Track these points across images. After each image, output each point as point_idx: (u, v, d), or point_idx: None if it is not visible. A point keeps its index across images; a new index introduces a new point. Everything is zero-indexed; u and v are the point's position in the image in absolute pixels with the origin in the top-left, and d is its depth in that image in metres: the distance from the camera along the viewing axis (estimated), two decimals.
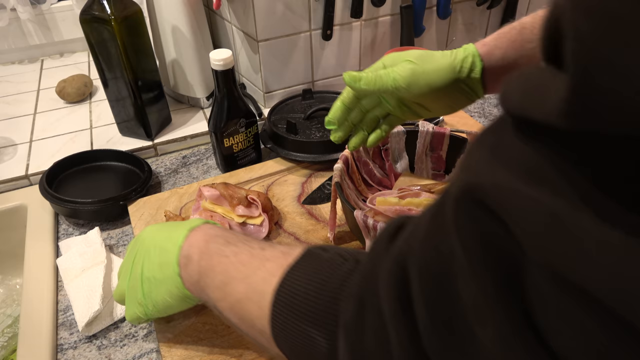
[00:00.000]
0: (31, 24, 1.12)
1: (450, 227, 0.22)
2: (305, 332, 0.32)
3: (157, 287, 0.46)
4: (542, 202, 0.18)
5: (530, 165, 0.19)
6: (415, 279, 0.25)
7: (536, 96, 0.18)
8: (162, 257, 0.45)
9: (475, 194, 0.21)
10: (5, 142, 0.87)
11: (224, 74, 0.69)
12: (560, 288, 0.18)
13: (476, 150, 0.22)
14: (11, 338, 0.73)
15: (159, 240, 0.47)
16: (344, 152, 0.65)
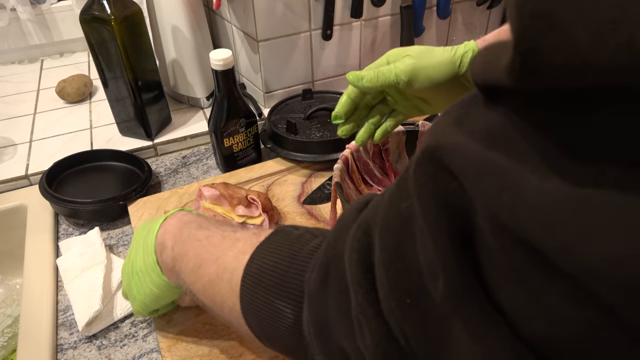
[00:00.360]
0: (31, 24, 1.12)
1: (411, 187, 0.23)
2: (273, 305, 0.33)
3: (144, 279, 0.47)
4: (493, 161, 0.19)
5: (488, 129, 0.20)
6: (377, 241, 0.25)
7: (494, 62, 0.20)
8: (144, 249, 0.47)
9: (433, 154, 0.22)
10: (5, 142, 0.87)
11: (224, 74, 0.69)
12: (505, 242, 0.18)
13: (442, 118, 0.24)
14: (11, 338, 0.73)
15: (143, 234, 0.48)
16: (344, 152, 0.65)
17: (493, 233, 0.19)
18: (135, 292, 0.48)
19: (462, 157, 0.20)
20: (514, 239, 0.18)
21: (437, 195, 0.21)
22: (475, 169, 0.19)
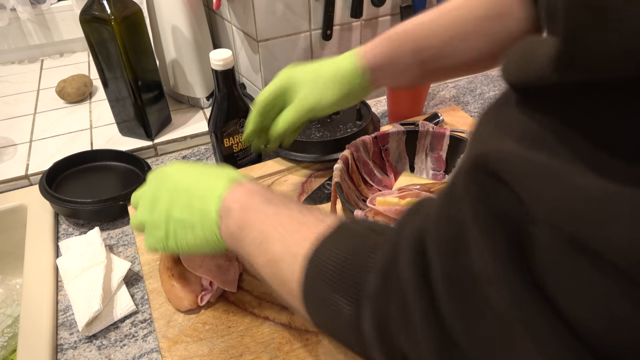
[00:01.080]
0: (31, 24, 1.12)
1: (462, 196, 0.23)
2: (332, 299, 0.33)
3: (187, 230, 0.46)
4: (542, 163, 0.19)
5: (530, 131, 0.20)
6: (431, 249, 0.26)
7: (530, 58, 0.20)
8: (198, 204, 0.45)
9: (481, 162, 0.22)
10: (5, 142, 0.87)
11: (224, 74, 0.69)
12: (564, 245, 0.18)
13: (482, 124, 0.24)
14: (11, 338, 0.73)
15: (194, 185, 0.47)
16: (344, 152, 0.65)
17: (551, 237, 0.19)
18: (165, 236, 0.47)
19: (510, 162, 0.20)
20: (573, 242, 0.18)
21: (489, 205, 0.21)
22: (524, 173, 0.19)
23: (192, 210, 0.45)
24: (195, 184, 0.47)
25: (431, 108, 0.99)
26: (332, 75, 0.55)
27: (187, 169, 0.49)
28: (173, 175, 0.49)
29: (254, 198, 0.43)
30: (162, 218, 0.47)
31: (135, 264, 0.65)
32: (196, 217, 0.45)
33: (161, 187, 0.49)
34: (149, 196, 0.49)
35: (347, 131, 0.80)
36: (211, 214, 0.44)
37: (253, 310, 0.56)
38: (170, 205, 0.47)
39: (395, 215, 0.56)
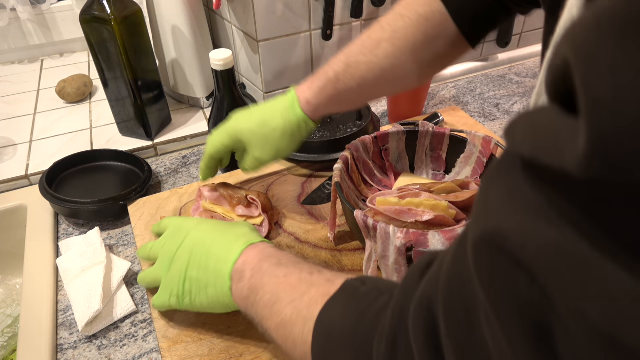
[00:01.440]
0: (31, 24, 1.12)
1: (472, 273, 0.22)
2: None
3: (202, 289, 0.48)
4: (567, 249, 0.17)
5: (548, 208, 0.18)
6: (442, 322, 0.25)
7: (550, 144, 0.18)
8: (214, 265, 0.47)
9: (494, 239, 0.20)
10: (5, 142, 0.87)
11: (224, 74, 0.69)
12: (597, 342, 0.17)
13: (490, 191, 0.22)
14: (11, 338, 0.73)
15: (214, 246, 0.48)
16: (344, 152, 0.65)
17: (582, 332, 0.17)
18: (181, 293, 0.49)
19: (531, 246, 0.18)
20: (608, 339, 0.16)
21: (505, 286, 0.20)
22: (549, 260, 0.18)
23: (207, 270, 0.47)
24: (213, 246, 0.48)
25: (431, 108, 0.99)
26: (281, 130, 0.57)
27: (206, 228, 0.51)
28: (198, 236, 0.50)
29: (265, 261, 0.45)
30: (180, 276, 0.49)
31: (135, 264, 0.65)
32: (210, 278, 0.47)
33: (180, 246, 0.50)
34: (167, 254, 0.51)
35: (347, 131, 0.80)
36: (224, 277, 0.46)
37: None
38: (189, 264, 0.49)
39: (395, 215, 0.56)
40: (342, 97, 0.56)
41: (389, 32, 0.54)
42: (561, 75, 0.18)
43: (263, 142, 0.58)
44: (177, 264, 0.50)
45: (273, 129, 0.57)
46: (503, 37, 1.10)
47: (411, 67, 0.55)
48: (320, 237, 0.66)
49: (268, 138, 0.57)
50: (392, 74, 0.55)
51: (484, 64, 1.13)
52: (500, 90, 1.05)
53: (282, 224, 0.68)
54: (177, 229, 0.53)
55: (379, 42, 0.54)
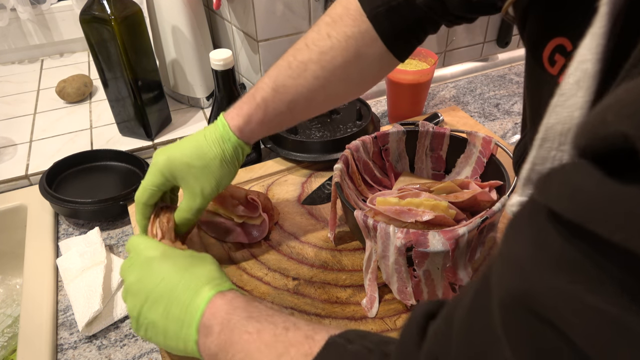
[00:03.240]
0: (31, 24, 1.12)
1: (500, 337, 0.20)
2: None
3: (159, 334, 0.44)
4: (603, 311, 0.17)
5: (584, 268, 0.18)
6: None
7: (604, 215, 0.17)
8: (177, 313, 0.43)
9: (526, 301, 0.19)
10: (5, 142, 0.87)
11: (224, 74, 0.69)
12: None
13: (515, 243, 0.21)
14: (11, 338, 0.73)
15: (176, 290, 0.44)
16: (344, 152, 0.65)
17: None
18: (142, 333, 0.46)
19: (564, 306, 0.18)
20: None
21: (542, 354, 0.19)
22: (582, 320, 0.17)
23: (168, 317, 0.43)
24: (175, 290, 0.44)
25: (431, 108, 0.99)
26: (220, 158, 0.54)
27: (168, 264, 0.46)
28: (154, 269, 0.46)
29: (234, 314, 0.41)
30: (136, 311, 0.45)
31: None
32: (171, 325, 0.43)
33: (138, 279, 0.46)
34: (127, 279, 0.47)
35: (347, 131, 0.80)
36: (190, 329, 0.42)
37: None
38: (145, 304, 0.44)
39: (395, 215, 0.56)
40: (272, 121, 0.55)
41: (316, 53, 0.53)
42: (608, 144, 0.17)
43: (202, 174, 0.53)
44: (134, 298, 0.45)
45: (211, 158, 0.53)
46: (503, 37, 1.10)
47: (340, 87, 0.55)
48: (320, 237, 0.66)
49: (208, 168, 0.53)
50: (322, 95, 0.55)
51: (484, 64, 1.13)
52: (500, 90, 1.05)
53: (282, 224, 0.68)
54: (138, 257, 0.48)
55: (306, 64, 0.54)
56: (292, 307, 0.57)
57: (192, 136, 0.55)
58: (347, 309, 0.56)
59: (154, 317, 0.44)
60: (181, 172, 0.54)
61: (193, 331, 0.42)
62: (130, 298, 0.46)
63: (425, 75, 0.86)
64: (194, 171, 0.53)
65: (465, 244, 0.49)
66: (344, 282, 0.60)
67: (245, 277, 0.60)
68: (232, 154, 0.54)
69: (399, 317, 0.55)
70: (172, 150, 0.54)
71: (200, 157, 0.53)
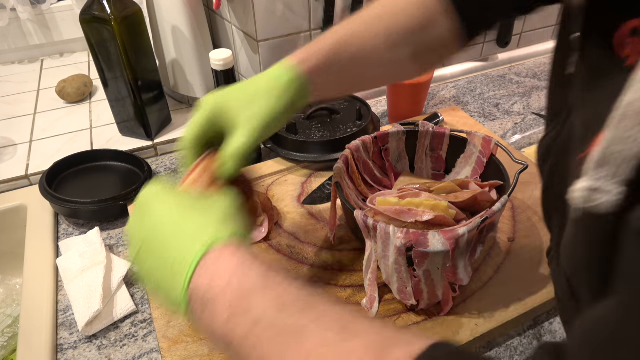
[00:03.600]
0: (31, 24, 1.12)
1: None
2: None
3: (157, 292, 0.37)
4: None
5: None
6: None
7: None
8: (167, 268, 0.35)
9: None
10: (5, 142, 0.87)
11: (224, 74, 0.69)
12: None
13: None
14: (11, 338, 0.73)
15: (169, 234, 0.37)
16: (344, 152, 0.65)
17: None
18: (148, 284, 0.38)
19: None
20: None
21: None
22: None
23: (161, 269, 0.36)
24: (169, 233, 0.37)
25: (431, 108, 0.99)
26: (266, 87, 0.46)
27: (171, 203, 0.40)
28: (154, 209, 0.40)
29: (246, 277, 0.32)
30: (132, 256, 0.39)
31: None
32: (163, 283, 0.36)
33: (140, 217, 0.41)
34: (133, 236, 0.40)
35: (347, 131, 0.80)
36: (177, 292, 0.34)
37: None
38: (141, 249, 0.38)
39: (395, 215, 0.56)
40: (338, 64, 0.49)
41: (390, 8, 0.52)
42: None
43: (248, 105, 0.45)
44: (132, 241, 0.39)
45: (260, 87, 0.46)
46: (503, 37, 1.10)
47: (406, 50, 0.52)
48: (320, 237, 0.66)
49: (255, 98, 0.46)
50: (388, 52, 0.51)
51: (484, 64, 1.13)
52: (500, 90, 1.05)
53: (282, 224, 0.68)
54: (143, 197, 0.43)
55: (380, 16, 0.52)
56: None
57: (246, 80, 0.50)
58: None
59: (147, 267, 0.37)
60: (226, 103, 0.46)
61: (182, 300, 0.33)
62: (130, 240, 0.40)
63: (425, 75, 0.86)
64: (239, 103, 0.46)
65: (465, 244, 0.49)
66: (344, 282, 0.60)
67: None
68: (283, 83, 0.46)
69: (399, 317, 0.55)
70: (220, 90, 0.48)
71: (249, 88, 0.47)
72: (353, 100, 0.89)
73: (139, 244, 0.38)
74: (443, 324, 0.54)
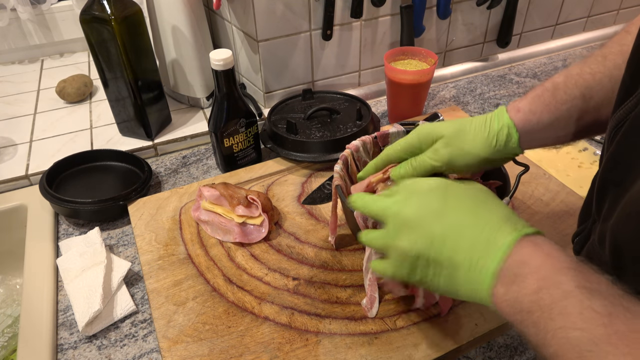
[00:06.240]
0: (31, 24, 1.12)
1: None
2: None
3: (446, 277, 0.39)
4: None
5: None
6: None
7: None
8: (468, 251, 0.37)
9: None
10: (5, 142, 0.87)
11: (224, 74, 0.69)
12: None
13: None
14: (11, 338, 0.73)
15: (465, 222, 0.39)
16: (344, 152, 0.65)
17: None
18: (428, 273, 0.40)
19: None
20: None
21: None
22: None
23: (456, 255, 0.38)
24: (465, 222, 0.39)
25: (431, 108, 0.99)
26: (475, 128, 0.48)
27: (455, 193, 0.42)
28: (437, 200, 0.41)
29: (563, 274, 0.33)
30: (415, 249, 0.40)
31: (135, 264, 0.65)
32: (460, 267, 0.38)
33: (419, 209, 0.41)
34: (406, 212, 0.41)
35: (347, 131, 0.80)
36: (483, 274, 0.36)
37: (253, 310, 0.56)
38: (432, 240, 0.39)
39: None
40: (560, 107, 0.47)
41: (616, 46, 0.48)
42: None
43: (450, 140, 0.48)
44: (413, 234, 0.40)
45: (469, 128, 0.49)
46: (503, 37, 1.10)
47: None
48: (320, 237, 0.66)
49: (462, 136, 0.48)
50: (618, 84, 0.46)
51: (484, 64, 1.13)
52: (500, 90, 1.05)
53: (282, 224, 0.68)
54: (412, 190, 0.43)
55: (605, 55, 0.48)
56: (292, 307, 0.57)
57: None
58: (347, 309, 0.56)
59: (437, 255, 0.38)
60: (432, 135, 0.49)
61: (488, 277, 0.36)
62: (406, 234, 0.40)
63: (425, 75, 0.86)
64: (445, 139, 0.49)
65: None
66: (344, 282, 0.60)
67: (245, 277, 0.60)
68: (494, 130, 0.48)
69: (399, 317, 0.55)
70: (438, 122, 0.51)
71: (457, 126, 0.49)
72: (353, 100, 0.89)
73: (425, 235, 0.39)
74: (443, 324, 0.54)
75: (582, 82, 0.47)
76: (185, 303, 0.57)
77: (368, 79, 1.01)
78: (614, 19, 1.27)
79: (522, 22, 1.11)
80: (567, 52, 1.20)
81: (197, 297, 0.58)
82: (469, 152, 0.48)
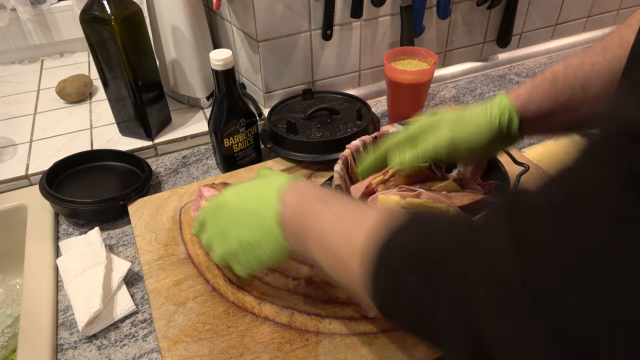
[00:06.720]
0: (31, 24, 1.12)
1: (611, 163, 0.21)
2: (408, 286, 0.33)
3: (259, 248, 0.47)
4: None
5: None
6: None
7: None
8: (258, 221, 0.47)
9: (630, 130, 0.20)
10: (5, 142, 0.87)
11: (224, 74, 0.69)
12: None
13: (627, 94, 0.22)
14: (11, 338, 0.73)
15: (248, 204, 0.48)
16: (344, 152, 0.65)
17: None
18: (246, 260, 0.49)
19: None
20: None
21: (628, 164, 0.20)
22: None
23: (256, 229, 0.47)
24: (250, 203, 0.48)
25: (431, 108, 0.99)
26: (476, 115, 0.51)
27: (240, 190, 0.51)
28: (231, 202, 0.50)
29: (305, 200, 0.44)
30: (235, 245, 0.49)
31: (135, 264, 0.65)
32: (261, 235, 0.47)
33: (222, 218, 0.50)
34: (214, 230, 0.52)
35: (347, 131, 0.80)
36: (272, 227, 0.45)
37: (253, 310, 0.56)
38: (238, 231, 0.48)
39: None
40: (559, 96, 0.49)
41: (616, 38, 0.49)
42: None
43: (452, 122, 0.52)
44: (229, 237, 0.50)
45: (471, 112, 0.52)
46: (503, 37, 1.10)
47: None
48: None
49: (463, 119, 0.51)
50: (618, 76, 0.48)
51: (484, 64, 1.13)
52: (501, 90, 1.05)
53: None
54: (212, 209, 0.52)
55: (605, 47, 0.49)
56: (292, 307, 0.57)
57: None
58: (347, 309, 0.56)
59: (248, 237, 0.47)
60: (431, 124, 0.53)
61: (275, 228, 0.45)
62: (228, 239, 0.49)
63: (425, 75, 0.86)
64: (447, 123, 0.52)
65: None
66: None
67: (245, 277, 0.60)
68: (495, 115, 0.50)
69: None
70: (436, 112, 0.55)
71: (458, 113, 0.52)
72: (353, 100, 0.89)
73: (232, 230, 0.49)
74: None
75: (581, 72, 0.48)
76: (185, 303, 0.57)
77: (368, 79, 1.01)
78: (614, 19, 1.27)
79: (522, 22, 1.11)
80: (567, 52, 1.20)
81: (197, 297, 0.58)
82: (471, 133, 0.51)
